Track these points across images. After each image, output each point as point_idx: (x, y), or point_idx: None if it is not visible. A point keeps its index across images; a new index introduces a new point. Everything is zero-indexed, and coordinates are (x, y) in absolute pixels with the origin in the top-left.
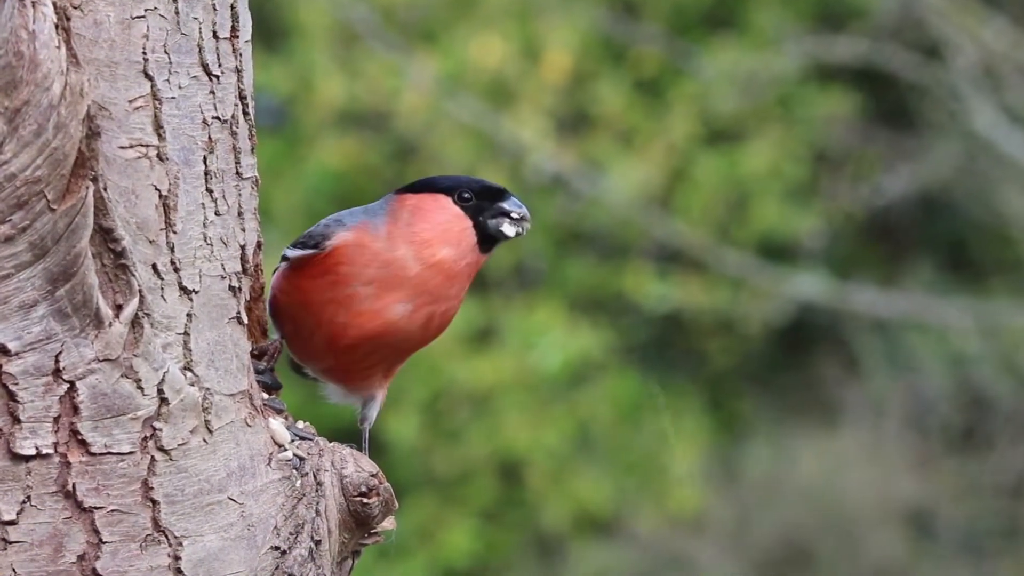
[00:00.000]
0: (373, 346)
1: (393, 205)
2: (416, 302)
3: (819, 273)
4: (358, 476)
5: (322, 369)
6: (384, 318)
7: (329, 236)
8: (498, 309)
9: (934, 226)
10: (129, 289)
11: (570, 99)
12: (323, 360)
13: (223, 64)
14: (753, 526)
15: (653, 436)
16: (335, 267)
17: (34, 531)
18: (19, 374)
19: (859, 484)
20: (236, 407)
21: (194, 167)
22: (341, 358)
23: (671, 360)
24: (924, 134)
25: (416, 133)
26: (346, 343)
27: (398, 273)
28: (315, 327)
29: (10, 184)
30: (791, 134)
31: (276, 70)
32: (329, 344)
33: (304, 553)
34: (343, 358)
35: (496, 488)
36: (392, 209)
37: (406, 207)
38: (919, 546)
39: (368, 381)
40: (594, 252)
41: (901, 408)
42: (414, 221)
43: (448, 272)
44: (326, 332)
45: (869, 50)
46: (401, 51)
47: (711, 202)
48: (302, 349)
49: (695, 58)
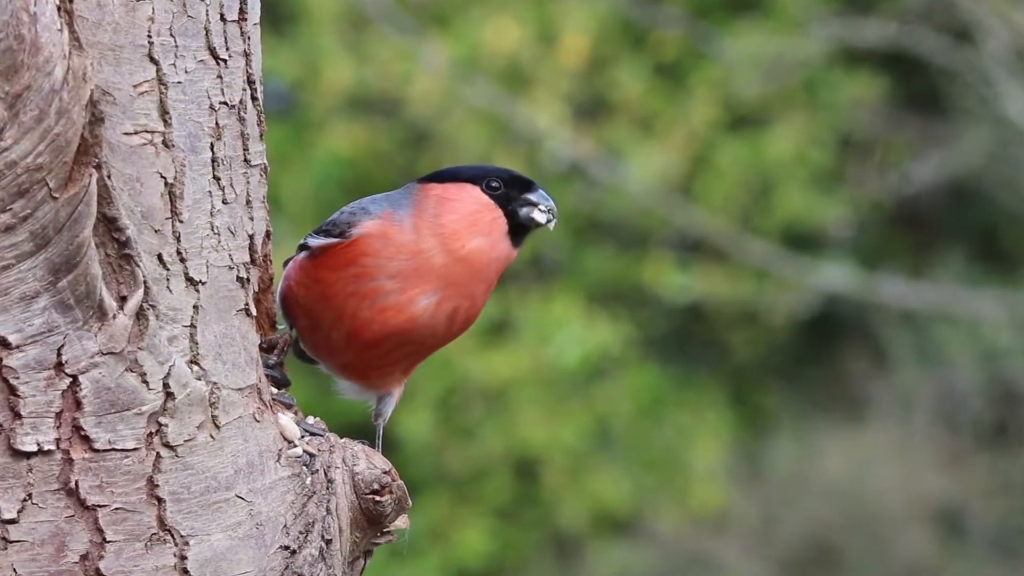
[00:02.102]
0: (396, 343)
1: (417, 195)
2: (441, 295)
3: (846, 263)
4: (370, 473)
5: (339, 365)
6: (409, 313)
7: (354, 224)
8: (514, 301)
9: (965, 215)
10: (133, 280)
11: (588, 84)
12: (342, 356)
13: (231, 48)
14: (778, 525)
15: (674, 432)
16: (359, 258)
17: (35, 530)
18: (20, 368)
19: (887, 481)
20: (244, 402)
21: (201, 154)
22: (362, 354)
23: (692, 353)
24: (954, 120)
25: (428, 119)
26: (368, 339)
27: (424, 266)
28: (335, 321)
29: (11, 172)
30: (817, 120)
31: (284, 54)
32: (350, 340)
33: (314, 553)
34: (364, 354)
35: (512, 486)
36: (416, 200)
37: (431, 197)
38: (949, 545)
39: (387, 379)
40: (613, 242)
41: (930, 403)
42: (441, 212)
43: (477, 264)
44: (348, 327)
45: (898, 33)
46: (413, 34)
47: (734, 190)
48: (318, 344)
49: (717, 41)
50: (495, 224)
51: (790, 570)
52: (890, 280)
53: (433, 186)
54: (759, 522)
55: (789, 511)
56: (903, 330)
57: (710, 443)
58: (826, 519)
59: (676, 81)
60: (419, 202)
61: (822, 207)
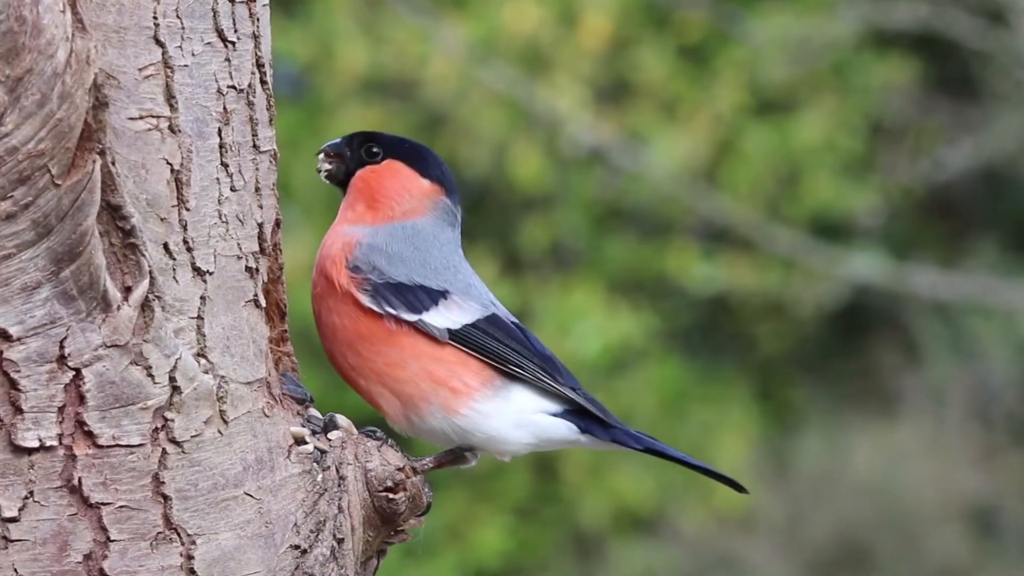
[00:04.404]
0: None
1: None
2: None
3: (876, 253)
4: (384, 470)
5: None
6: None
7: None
8: (533, 291)
9: (999, 203)
10: (139, 270)
11: (609, 67)
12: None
13: (239, 30)
14: (806, 524)
15: (698, 427)
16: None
17: (37, 529)
18: (21, 361)
19: (919, 479)
20: (253, 396)
21: (208, 140)
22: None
23: (718, 346)
24: (988, 104)
25: (445, 103)
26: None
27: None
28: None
29: (11, 158)
30: (846, 104)
31: (295, 36)
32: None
33: (326, 552)
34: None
35: (530, 483)
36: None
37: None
38: (983, 545)
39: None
40: (635, 230)
41: (964, 397)
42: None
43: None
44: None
45: (929, 15)
46: (429, 15)
47: (760, 177)
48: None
49: (743, 22)
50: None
51: (818, 571)
52: (921, 270)
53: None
54: (786, 521)
55: (817, 510)
56: (935, 322)
57: (736, 439)
58: (855, 518)
59: (701, 64)
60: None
61: (852, 195)
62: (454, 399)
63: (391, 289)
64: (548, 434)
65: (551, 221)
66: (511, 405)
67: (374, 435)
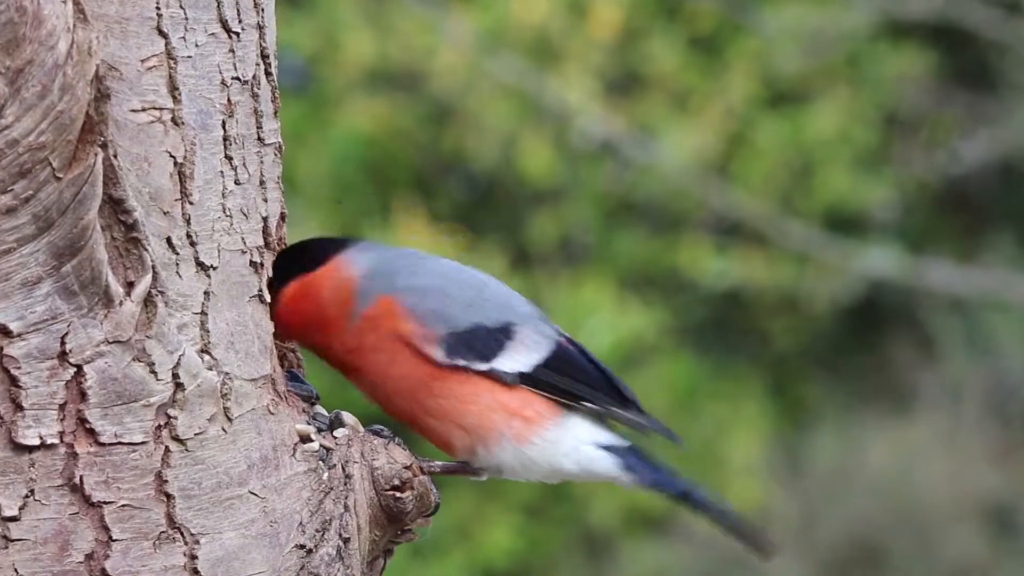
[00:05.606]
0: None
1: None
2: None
3: (891, 247)
4: (390, 468)
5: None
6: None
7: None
8: (542, 286)
9: (1016, 196)
10: (141, 265)
11: (620, 58)
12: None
13: (244, 20)
14: (819, 522)
15: (711, 424)
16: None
17: (38, 528)
18: (21, 357)
19: (934, 477)
20: (258, 393)
21: (212, 132)
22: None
23: (730, 342)
24: (1005, 96)
25: (453, 95)
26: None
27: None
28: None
29: (12, 151)
30: (861, 96)
31: (300, 26)
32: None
33: (331, 552)
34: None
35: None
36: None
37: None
38: (999, 543)
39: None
40: (646, 224)
41: (980, 394)
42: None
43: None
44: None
45: (945, 5)
46: (436, 6)
47: (773, 170)
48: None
49: (756, 13)
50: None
51: (832, 570)
52: (937, 265)
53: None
54: (800, 519)
55: (831, 508)
56: (951, 317)
57: (748, 436)
58: (870, 516)
59: (713, 55)
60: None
61: (866, 188)
62: (527, 428)
63: (458, 338)
64: (592, 467)
65: (561, 215)
66: (569, 433)
67: (381, 433)
